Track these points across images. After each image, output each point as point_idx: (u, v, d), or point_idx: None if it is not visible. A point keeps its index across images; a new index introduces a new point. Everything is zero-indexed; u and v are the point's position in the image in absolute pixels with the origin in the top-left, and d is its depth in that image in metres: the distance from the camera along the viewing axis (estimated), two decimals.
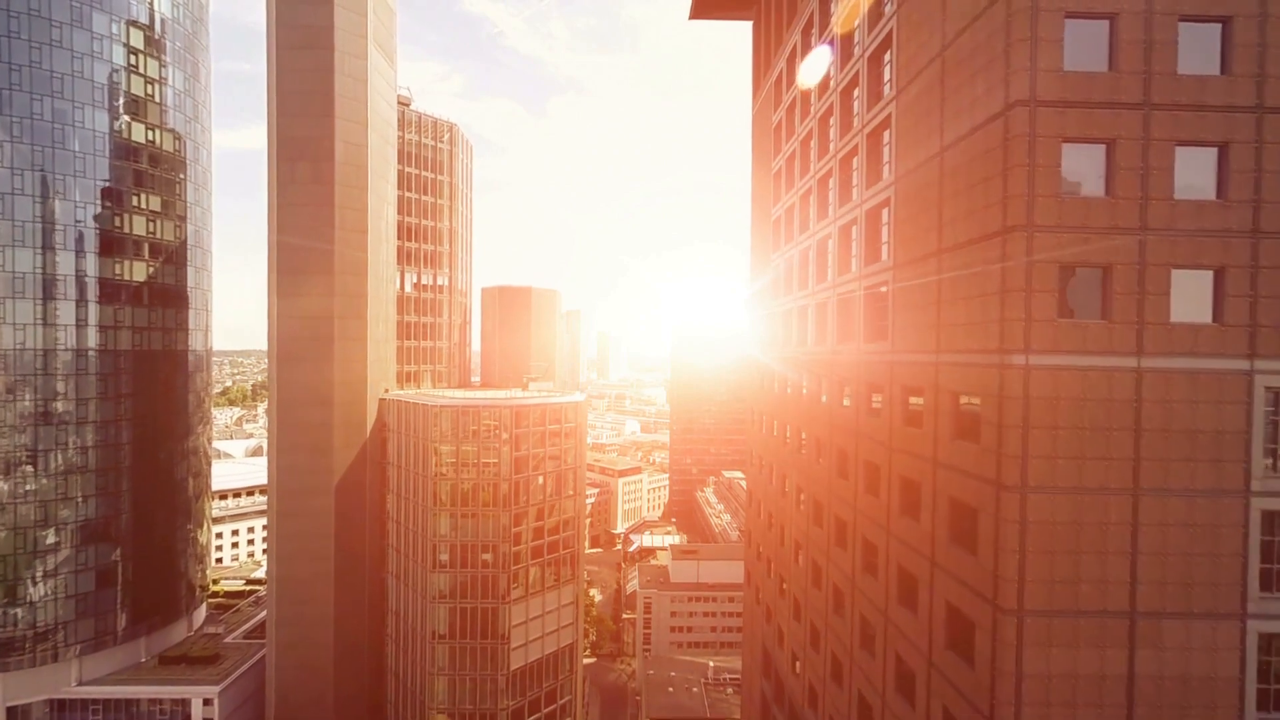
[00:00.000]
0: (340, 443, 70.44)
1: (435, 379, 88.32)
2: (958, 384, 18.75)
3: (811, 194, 34.65)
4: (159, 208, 77.69)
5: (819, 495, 31.98)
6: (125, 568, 75.45)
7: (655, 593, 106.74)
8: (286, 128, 67.88)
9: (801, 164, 36.61)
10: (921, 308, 21.02)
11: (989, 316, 17.07)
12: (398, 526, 73.30)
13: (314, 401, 68.97)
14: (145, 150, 75.81)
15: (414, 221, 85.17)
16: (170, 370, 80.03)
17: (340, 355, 70.08)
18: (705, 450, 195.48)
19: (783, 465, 39.59)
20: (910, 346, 21.90)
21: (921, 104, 21.32)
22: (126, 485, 75.94)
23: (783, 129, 40.98)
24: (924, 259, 20.85)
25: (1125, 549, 16.23)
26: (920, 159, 21.30)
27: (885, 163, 25.22)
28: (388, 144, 77.12)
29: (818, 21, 33.59)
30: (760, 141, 48.16)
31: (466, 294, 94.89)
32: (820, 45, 32.91)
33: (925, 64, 21.09)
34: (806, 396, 34.96)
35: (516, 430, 67.87)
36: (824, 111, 32.36)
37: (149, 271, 76.64)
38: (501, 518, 67.47)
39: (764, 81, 46.97)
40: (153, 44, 76.50)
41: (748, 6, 50.44)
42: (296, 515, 69.00)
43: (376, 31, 73.25)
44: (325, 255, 68.76)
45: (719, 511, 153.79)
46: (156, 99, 76.98)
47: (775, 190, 42.99)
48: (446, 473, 67.47)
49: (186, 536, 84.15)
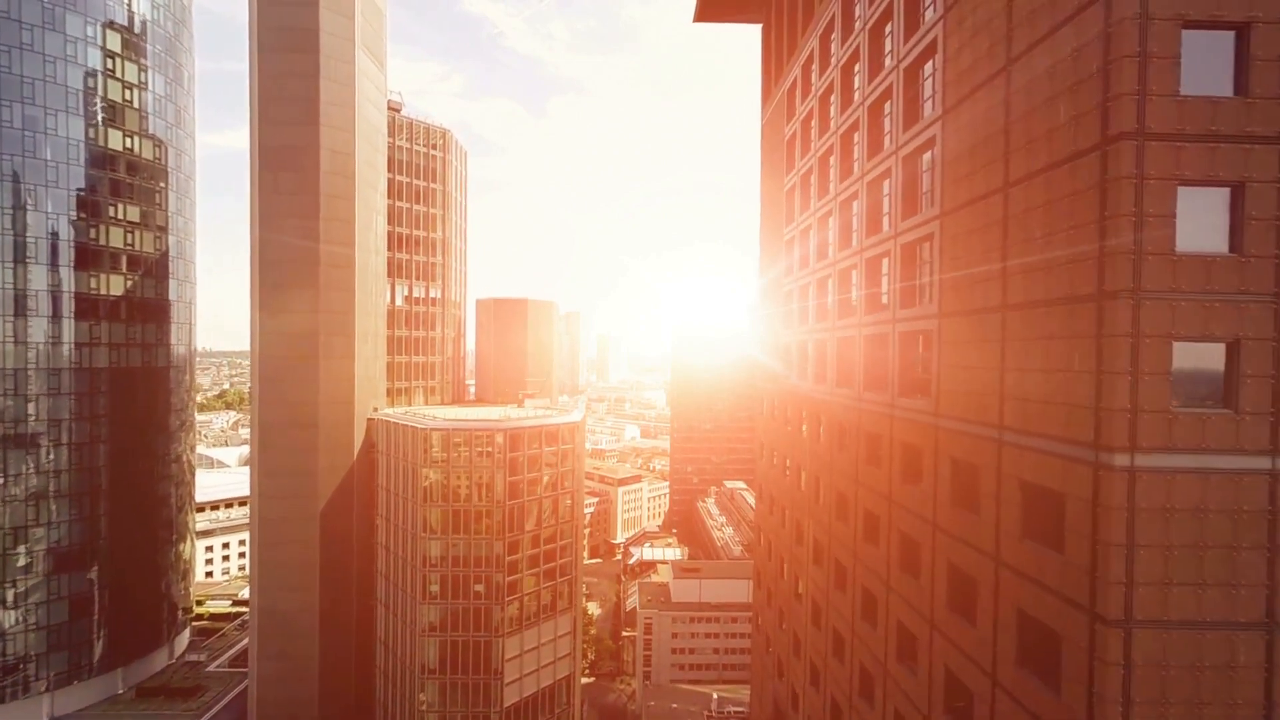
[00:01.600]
0: (326, 466, 67.02)
1: (428, 395, 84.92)
2: (1030, 472, 15.36)
3: (832, 217, 31.27)
4: (138, 218, 74.36)
5: (843, 559, 28.59)
6: (102, 595, 72.06)
7: (656, 613, 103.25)
8: (268, 136, 64.48)
9: (819, 183, 33.23)
10: (979, 369, 17.63)
11: (1078, 399, 13.67)
12: (387, 553, 69.88)
13: (298, 423, 65.55)
14: (123, 158, 72.47)
15: (405, 232, 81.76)
16: (150, 387, 76.65)
17: (326, 374, 66.67)
18: (707, 460, 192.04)
19: (796, 509, 36.21)
20: (962, 412, 18.50)
21: (977, 128, 17.94)
22: (104, 509, 72.58)
23: (797, 143, 37.61)
24: (984, 312, 17.46)
25: (1258, 698, 12.83)
26: (977, 191, 17.91)
27: (925, 192, 21.85)
28: (377, 152, 73.74)
29: (839, 25, 30.21)
30: (771, 154, 44.79)
31: (461, 306, 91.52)
32: (843, 53, 29.55)
33: (982, 81, 17.71)
34: (824, 440, 31.59)
35: (511, 454, 64.46)
36: (848, 127, 28.98)
37: (127, 285, 73.29)
38: (495, 546, 64.05)
39: (775, 89, 43.61)
40: (131, 47, 73.15)
41: (756, 9, 47.08)
42: (279, 544, 65.58)
43: (364, 34, 69.88)
44: (309, 270, 65.36)
45: (720, 524, 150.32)
46: (135, 104, 73.64)
47: (788, 209, 39.63)
48: (437, 498, 64.05)
49: (168, 556, 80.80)
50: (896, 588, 23.15)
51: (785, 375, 39.38)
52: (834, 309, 30.21)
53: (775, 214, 43.53)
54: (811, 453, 34.74)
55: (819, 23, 32.86)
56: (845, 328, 28.94)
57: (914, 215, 22.21)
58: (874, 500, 25.33)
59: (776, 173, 43.01)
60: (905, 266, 23.02)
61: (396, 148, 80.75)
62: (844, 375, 29.40)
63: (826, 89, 32.11)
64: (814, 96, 34.05)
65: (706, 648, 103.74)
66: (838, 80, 30.28)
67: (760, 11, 46.74)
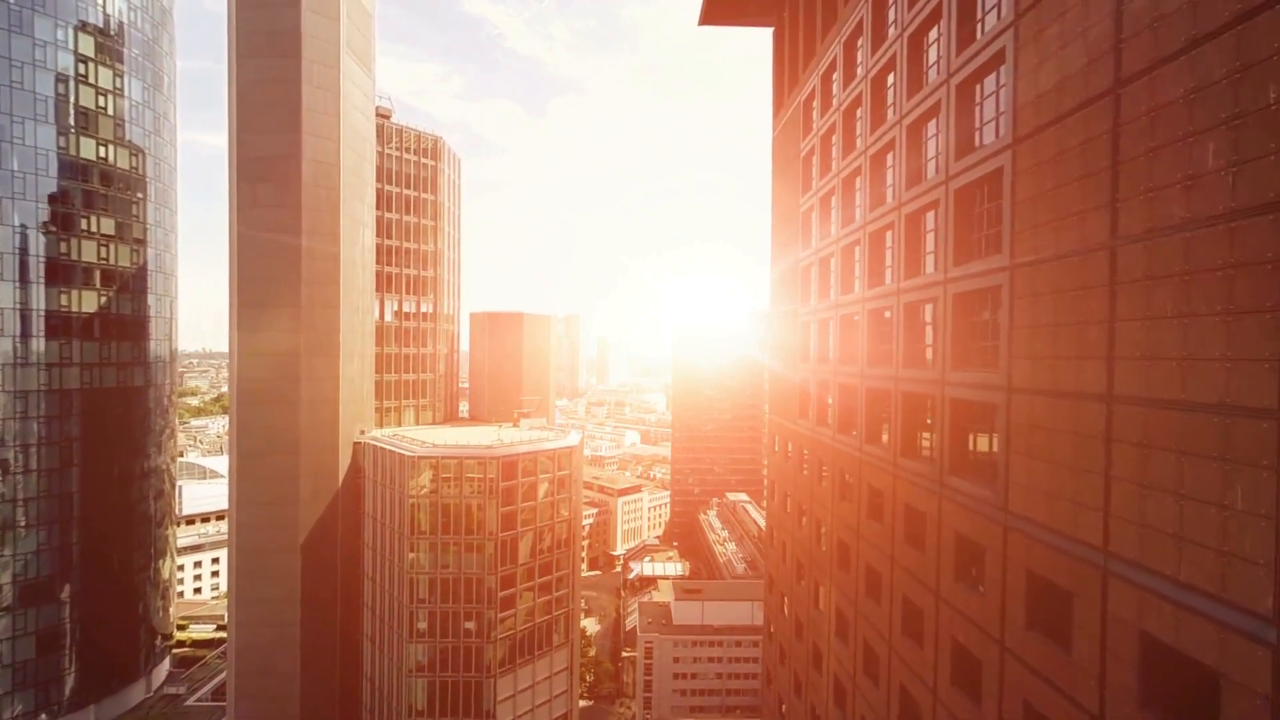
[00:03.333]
0: (308, 494, 63.34)
1: (419, 414, 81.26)
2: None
3: (859, 247, 27.59)
4: (113, 230, 70.80)
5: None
6: (73, 627, 68.44)
7: (657, 636, 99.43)
8: (247, 145, 60.87)
9: (843, 208, 29.53)
10: (1077, 472, 13.93)
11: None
12: (374, 585, 66.20)
13: (278, 449, 61.88)
14: (96, 168, 68.92)
15: (395, 244, 78.12)
16: (126, 407, 73.06)
17: (308, 397, 63.01)
18: (709, 470, 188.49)
19: (817, 571, 32.50)
20: (1043, 515, 14.83)
21: (1066, 163, 14.25)
22: (75, 537, 68.99)
23: (815, 160, 33.93)
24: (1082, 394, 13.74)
25: None
26: (1069, 244, 14.22)
27: (983, 234, 18.17)
28: (364, 161, 70.11)
29: (868, 31, 26.52)
30: (785, 168, 41.10)
31: (454, 320, 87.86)
32: (874, 62, 25.87)
33: (1076, 105, 14.02)
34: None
35: (504, 483, 60.77)
36: (880, 148, 25.30)
37: (101, 301, 69.72)
38: (487, 581, 60.37)
39: (789, 99, 39.94)
40: (105, 51, 69.58)
41: (767, 12, 43.40)
42: (259, 577, 61.91)
43: (351, 37, 66.27)
44: (290, 286, 61.72)
45: (723, 539, 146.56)
46: (110, 111, 70.08)
47: (804, 231, 35.94)
48: (425, 530, 60.37)
49: (147, 579, 77.22)
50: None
51: (797, 418, 35.71)
52: (864, 354, 26.51)
53: (788, 231, 39.87)
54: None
55: (843, 28, 29.18)
56: (876, 377, 25.26)
57: (972, 261, 18.50)
58: (912, 591, 21.65)
59: (790, 189, 39.35)
60: (957, 317, 19.34)
61: (386, 156, 77.14)
62: (870, 433, 25.72)
63: (852, 102, 28.43)
64: (836, 111, 30.37)
65: (709, 672, 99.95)
66: (867, 94, 26.61)
67: (772, 14, 43.08)
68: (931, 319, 21.20)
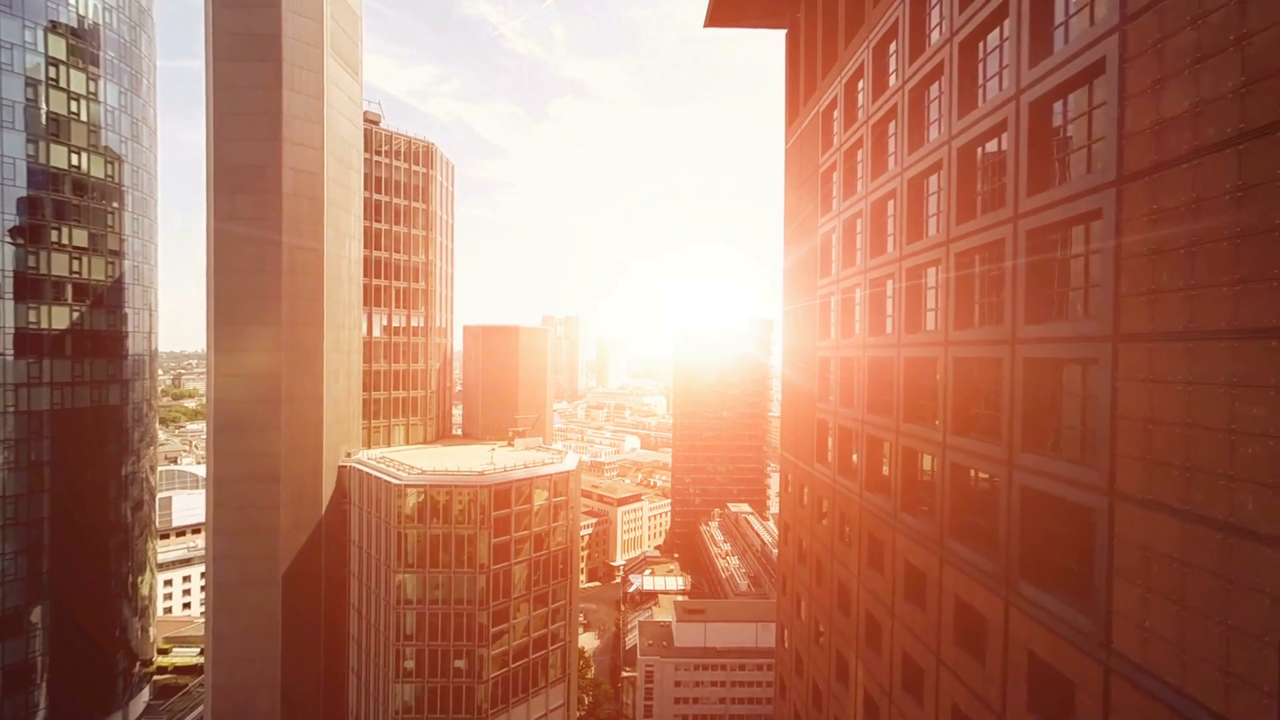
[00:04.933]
0: (289, 523, 59.84)
1: (409, 433, 77.76)
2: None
3: (893, 280, 24.13)
4: (86, 243, 67.23)
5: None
6: (44, 662, 64.92)
7: (658, 660, 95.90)
8: (224, 154, 57.39)
9: (873, 235, 26.02)
10: None
11: None
12: (359, 617, 62.74)
13: (257, 475, 58.40)
14: (68, 176, 65.37)
15: (384, 256, 74.60)
16: (101, 427, 69.50)
17: (289, 419, 59.52)
18: (710, 478, 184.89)
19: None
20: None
21: (1212, 214, 10.75)
22: (46, 565, 65.39)
23: (837, 178, 30.43)
24: None
25: None
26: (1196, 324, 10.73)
27: (1077, 289, 14.68)
28: (350, 169, 66.61)
29: (904, 36, 23.04)
30: (799, 184, 37.61)
31: (447, 333, 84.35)
32: (912, 72, 22.38)
33: (1228, 138, 10.52)
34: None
35: (497, 512, 57.28)
36: (921, 171, 21.80)
37: (73, 317, 66.16)
38: (479, 616, 56.88)
39: (805, 107, 36.45)
40: (78, 53, 66.05)
41: (780, 14, 39.92)
42: (237, 611, 58.43)
43: (336, 39, 62.79)
44: (271, 303, 58.25)
45: (725, 552, 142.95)
46: (83, 117, 66.54)
47: (823, 256, 32.46)
48: (413, 562, 56.88)
49: (125, 601, 73.73)
50: None
51: (814, 462, 32.23)
52: (899, 407, 23.01)
53: (804, 250, 36.43)
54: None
55: (874, 31, 25.68)
56: (922, 438, 21.78)
57: (1054, 322, 15.00)
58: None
59: (806, 206, 35.87)
60: (1028, 395, 15.85)
61: (374, 163, 73.65)
62: (910, 496, 22.23)
63: (885, 116, 24.94)
64: (864, 125, 26.87)
65: (712, 697, 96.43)
66: (903, 108, 23.13)
67: (785, 16, 39.58)
68: (1005, 373, 17.72)
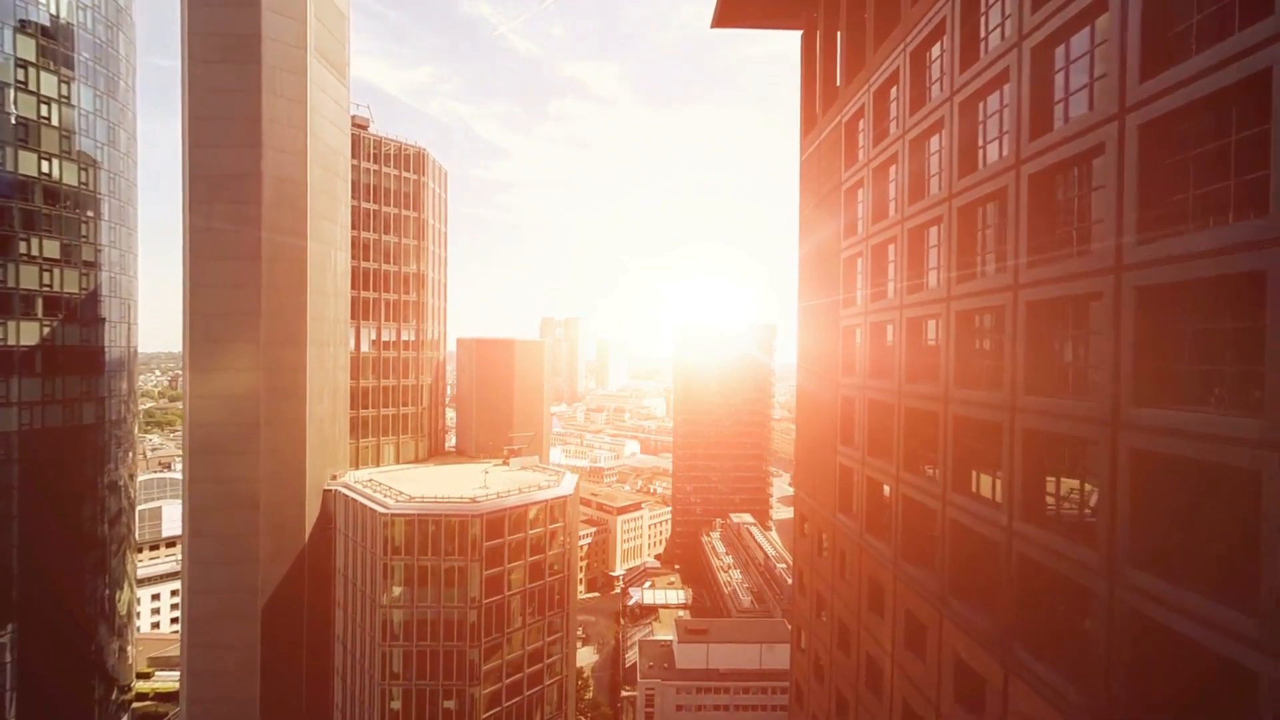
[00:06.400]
0: (270, 552, 56.46)
1: (400, 451, 74.38)
2: None
3: (937, 321, 20.83)
4: (58, 254, 63.79)
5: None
6: (10, 697, 61.51)
7: (659, 683, 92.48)
8: (200, 162, 54.06)
9: (908, 261, 22.72)
10: None
11: None
12: (344, 650, 59.38)
13: (234, 503, 55.04)
14: (38, 185, 61.92)
15: (373, 267, 71.25)
16: (76, 447, 66.11)
17: (269, 443, 56.15)
18: (711, 487, 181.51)
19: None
20: None
21: None
22: (16, 594, 61.92)
23: (864, 197, 27.11)
24: None
25: None
26: None
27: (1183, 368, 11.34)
28: (336, 177, 63.26)
29: (954, 36, 19.71)
30: (818, 200, 34.29)
31: (440, 346, 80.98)
32: (965, 81, 19.04)
33: None
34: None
35: (489, 543, 53.95)
36: (976, 198, 18.48)
37: (44, 333, 62.73)
38: (469, 654, 53.52)
39: (824, 116, 33.15)
40: (50, 55, 62.62)
41: (795, 14, 36.64)
42: (214, 647, 55.07)
43: (320, 40, 59.47)
44: (249, 321, 54.90)
45: (727, 565, 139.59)
46: (55, 122, 63.10)
47: (845, 285, 29.14)
48: (400, 597, 53.54)
49: (101, 623, 70.32)
50: None
51: (836, 511, 28.92)
52: (949, 471, 19.69)
53: (824, 274, 33.16)
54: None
55: (913, 33, 22.36)
56: (967, 514, 18.45)
57: (1160, 411, 11.68)
58: None
59: (826, 226, 32.57)
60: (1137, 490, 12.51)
61: (363, 170, 70.31)
62: (960, 584, 18.90)
63: (926, 131, 21.63)
64: (898, 140, 23.56)
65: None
66: (951, 121, 19.80)
67: (801, 16, 36.28)
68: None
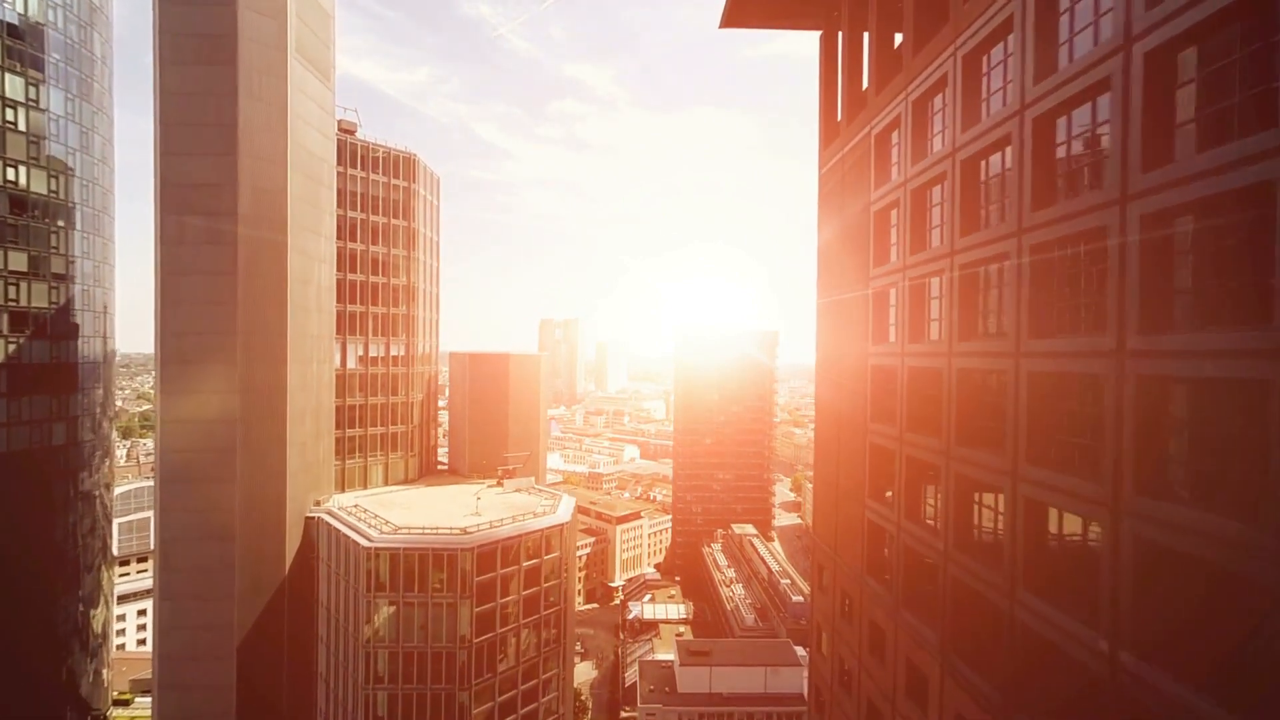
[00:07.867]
0: (247, 586, 53.00)
1: (388, 471, 70.93)
2: None
3: (1011, 381, 17.44)
4: (25, 266, 60.38)
5: None
6: None
7: (661, 709, 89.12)
8: (172, 170, 50.64)
9: (962, 307, 19.32)
10: None
11: None
12: (328, 690, 55.94)
13: (208, 534, 51.58)
14: (3, 194, 58.40)
15: (360, 279, 67.83)
16: (45, 469, 62.70)
17: (246, 469, 52.72)
18: (713, 496, 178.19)
19: None
20: None
21: None
22: None
23: (899, 222, 23.74)
24: None
25: None
26: None
27: None
28: (320, 185, 59.84)
29: (1028, 34, 16.35)
30: (841, 225, 30.92)
31: (432, 360, 77.55)
32: (1040, 92, 15.66)
33: None
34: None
35: (479, 577, 50.55)
36: (1054, 239, 15.09)
37: (9, 350, 59.29)
38: (459, 697, 50.09)
39: (848, 126, 29.78)
40: (16, 56, 59.17)
41: (813, 13, 33.29)
42: (185, 689, 51.58)
43: (302, 41, 56.06)
44: (225, 340, 51.47)
45: (729, 579, 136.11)
46: (21, 126, 59.63)
47: (876, 323, 25.76)
48: (384, 636, 50.12)
49: (76, 642, 66.88)
50: None
51: (865, 575, 25.55)
52: (1020, 567, 16.30)
53: (846, 302, 29.80)
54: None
55: (966, 34, 18.95)
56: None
57: None
58: None
59: (848, 248, 29.22)
60: None
61: (350, 178, 66.91)
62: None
63: (982, 151, 18.23)
64: (947, 158, 20.14)
65: None
66: (1022, 141, 16.41)
67: (820, 15, 32.93)
68: None
